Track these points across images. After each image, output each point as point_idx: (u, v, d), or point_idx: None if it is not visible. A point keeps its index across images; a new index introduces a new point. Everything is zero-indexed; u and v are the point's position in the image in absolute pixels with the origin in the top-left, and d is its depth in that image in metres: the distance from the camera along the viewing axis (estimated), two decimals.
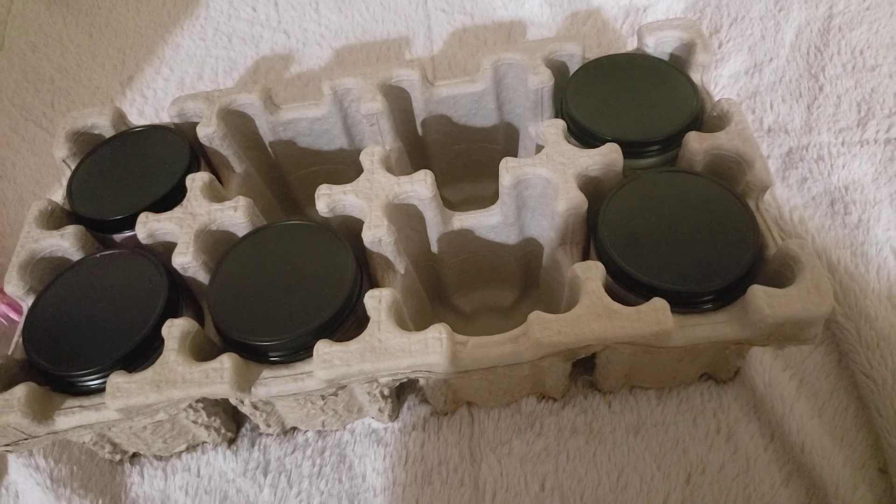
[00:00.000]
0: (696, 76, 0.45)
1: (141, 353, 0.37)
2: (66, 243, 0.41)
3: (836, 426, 0.41)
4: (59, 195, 0.45)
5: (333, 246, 0.39)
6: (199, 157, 0.46)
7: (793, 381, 0.43)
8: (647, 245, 0.37)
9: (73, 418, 0.36)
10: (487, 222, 0.43)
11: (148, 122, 0.48)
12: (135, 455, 0.44)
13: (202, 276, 0.40)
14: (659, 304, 0.34)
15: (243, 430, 0.45)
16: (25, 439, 0.37)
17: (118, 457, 0.43)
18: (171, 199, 0.42)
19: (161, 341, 0.36)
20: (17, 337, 0.39)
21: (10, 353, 0.39)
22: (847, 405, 0.42)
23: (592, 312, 0.35)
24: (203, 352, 0.37)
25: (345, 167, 0.50)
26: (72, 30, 0.73)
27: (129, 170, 0.45)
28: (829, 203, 0.50)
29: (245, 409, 0.39)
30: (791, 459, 0.40)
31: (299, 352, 0.36)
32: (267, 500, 0.42)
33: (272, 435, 0.44)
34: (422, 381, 0.39)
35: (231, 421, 0.44)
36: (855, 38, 0.59)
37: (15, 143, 0.64)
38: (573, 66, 0.47)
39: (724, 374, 0.43)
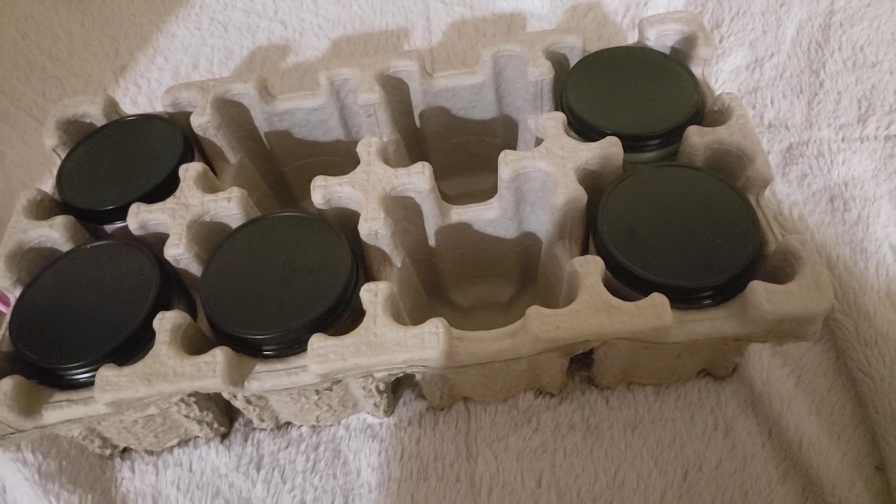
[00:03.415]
0: (697, 70, 0.44)
1: (131, 346, 0.36)
2: (55, 234, 0.41)
3: (833, 423, 0.41)
4: (49, 185, 0.45)
5: (329, 238, 0.39)
6: (192, 147, 0.46)
7: (791, 377, 0.43)
8: (646, 240, 0.36)
9: (62, 412, 0.36)
10: (486, 216, 0.42)
11: (141, 112, 0.48)
12: (125, 449, 0.44)
13: (195, 268, 0.39)
14: (658, 300, 0.34)
15: (236, 424, 0.44)
16: (12, 433, 0.36)
17: (108, 451, 0.43)
18: (163, 189, 0.42)
19: (152, 334, 0.36)
20: (3, 329, 0.38)
21: None
22: (844, 402, 0.42)
23: (591, 307, 0.34)
24: (195, 345, 0.37)
25: (341, 159, 0.50)
26: (64, 17, 0.72)
27: (120, 159, 0.44)
28: (829, 199, 0.50)
29: (238, 404, 0.39)
30: (788, 456, 0.40)
31: (293, 346, 0.36)
32: (260, 495, 0.42)
33: (266, 430, 0.44)
34: (418, 376, 0.39)
35: (224, 415, 0.43)
36: (856, 34, 0.59)
37: (5, 132, 0.63)
38: (573, 59, 0.47)
39: (722, 370, 0.43)
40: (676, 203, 0.38)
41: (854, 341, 0.43)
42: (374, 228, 0.38)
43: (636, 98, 0.43)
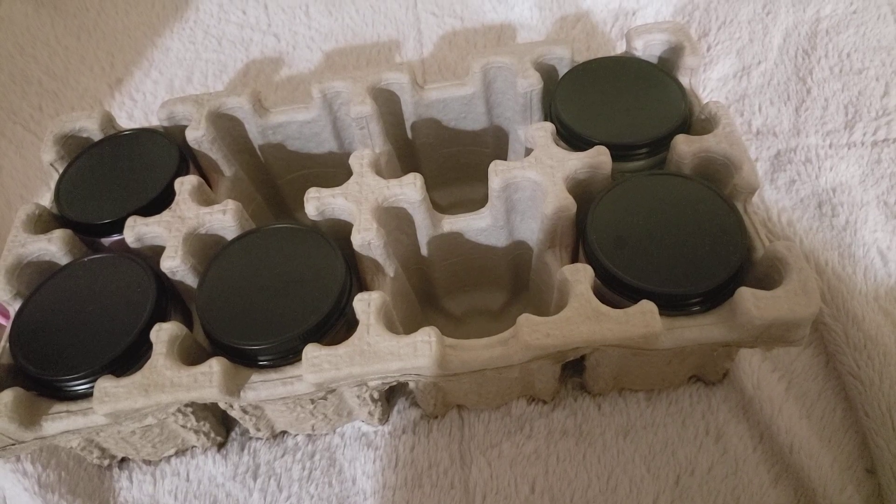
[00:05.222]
0: (684, 79, 0.45)
1: (129, 357, 0.37)
2: (53, 247, 0.41)
3: (823, 427, 0.42)
4: (46, 199, 0.45)
5: (322, 249, 0.39)
6: (188, 160, 0.46)
7: (781, 382, 0.43)
8: (635, 247, 0.37)
9: (61, 423, 0.36)
10: (477, 225, 0.43)
11: (137, 126, 0.48)
12: (123, 460, 0.44)
13: (191, 280, 0.40)
14: (647, 307, 0.34)
15: (233, 434, 0.45)
16: (12, 444, 0.36)
17: (106, 462, 0.43)
18: (159, 202, 0.42)
19: (149, 345, 0.36)
20: (3, 342, 0.39)
21: None
22: (835, 406, 0.43)
23: (581, 315, 0.35)
24: (192, 356, 0.37)
25: (334, 170, 0.50)
26: (60, 32, 0.73)
27: (117, 173, 0.45)
28: (817, 205, 0.51)
29: (234, 414, 0.39)
30: (779, 460, 0.41)
31: (288, 355, 0.36)
32: None
33: (262, 439, 0.44)
34: (412, 385, 0.39)
35: (220, 425, 0.44)
36: (842, 41, 0.60)
37: (2, 146, 0.64)
38: (562, 70, 0.47)
39: (712, 375, 0.43)
40: (665, 211, 0.38)
41: (843, 345, 0.43)
42: (366, 239, 0.39)
43: (624, 107, 0.44)
